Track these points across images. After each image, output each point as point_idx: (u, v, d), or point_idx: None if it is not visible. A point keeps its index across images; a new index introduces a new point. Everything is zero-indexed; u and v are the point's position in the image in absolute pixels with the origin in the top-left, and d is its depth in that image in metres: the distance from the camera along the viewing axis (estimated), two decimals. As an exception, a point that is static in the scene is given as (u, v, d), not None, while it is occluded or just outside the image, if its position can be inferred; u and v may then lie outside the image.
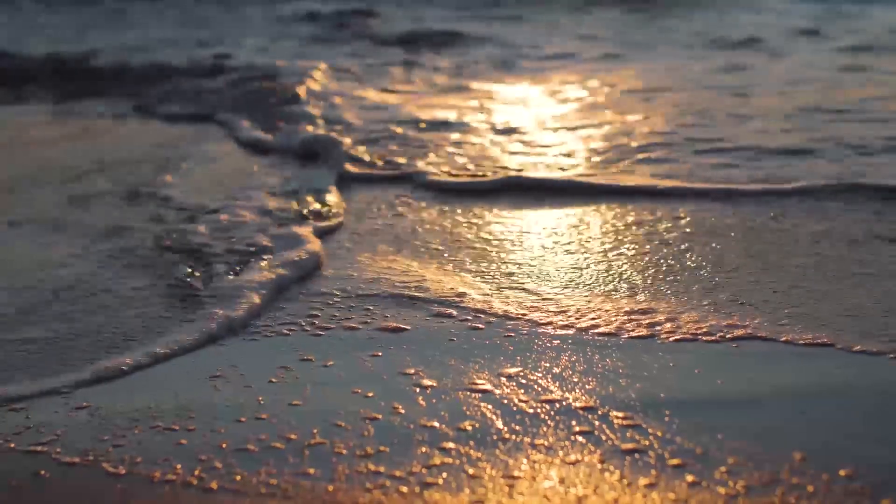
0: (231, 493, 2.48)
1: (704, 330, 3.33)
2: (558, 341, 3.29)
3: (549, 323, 3.45)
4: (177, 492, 2.49)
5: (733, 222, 4.64)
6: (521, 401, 2.88)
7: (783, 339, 3.25)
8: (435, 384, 3.01)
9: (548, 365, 3.11)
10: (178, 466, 2.59)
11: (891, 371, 3.02)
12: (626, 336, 3.32)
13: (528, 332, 3.38)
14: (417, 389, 2.99)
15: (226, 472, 2.56)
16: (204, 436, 2.74)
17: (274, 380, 3.09)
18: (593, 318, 3.46)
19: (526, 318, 3.50)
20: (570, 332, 3.37)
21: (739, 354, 3.17)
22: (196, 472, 2.56)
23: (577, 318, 3.47)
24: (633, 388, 2.94)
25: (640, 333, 3.33)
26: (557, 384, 2.97)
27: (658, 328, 3.36)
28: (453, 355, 3.21)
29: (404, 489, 2.46)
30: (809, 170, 5.50)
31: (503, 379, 3.02)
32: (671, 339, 3.28)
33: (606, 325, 3.40)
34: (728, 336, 3.29)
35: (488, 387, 2.97)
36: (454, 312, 3.57)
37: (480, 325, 3.46)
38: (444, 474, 2.52)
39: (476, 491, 2.45)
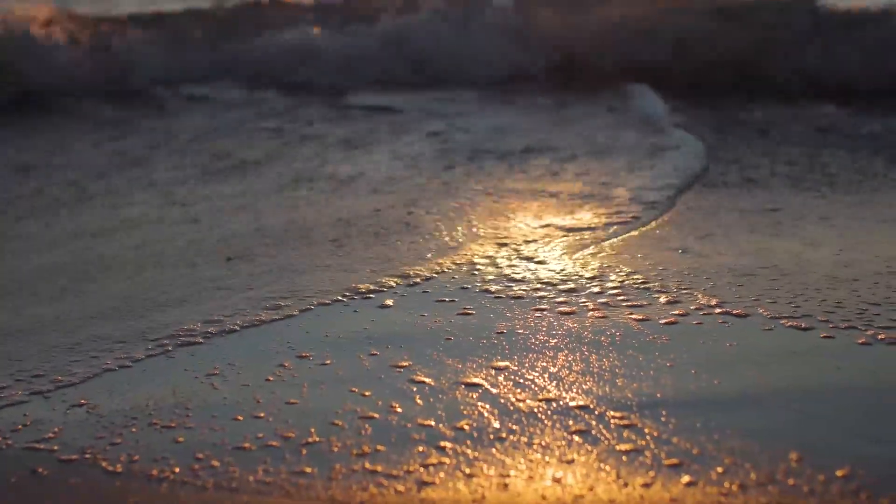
0: (228, 490, 2.48)
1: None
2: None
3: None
4: (174, 489, 2.49)
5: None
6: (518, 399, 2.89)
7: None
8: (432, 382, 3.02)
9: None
10: (176, 464, 2.60)
11: (887, 365, 3.03)
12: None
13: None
14: (415, 388, 2.99)
15: (223, 470, 2.57)
16: (201, 434, 2.75)
17: (271, 378, 3.09)
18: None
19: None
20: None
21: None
22: (193, 470, 2.57)
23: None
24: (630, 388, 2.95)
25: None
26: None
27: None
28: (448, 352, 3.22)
29: (401, 488, 2.47)
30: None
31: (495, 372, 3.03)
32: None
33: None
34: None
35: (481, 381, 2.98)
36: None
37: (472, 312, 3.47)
38: (442, 473, 2.53)
39: (473, 490, 2.45)
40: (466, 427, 2.74)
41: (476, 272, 3.99)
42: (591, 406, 2.83)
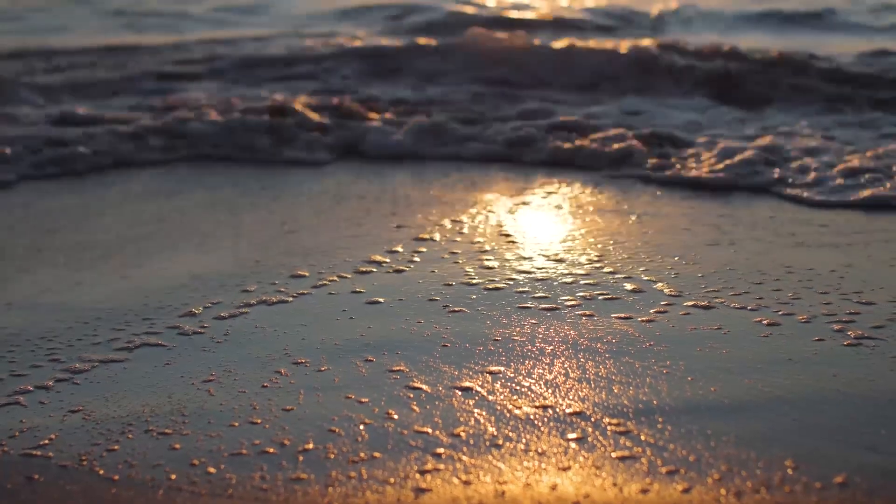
0: (224, 497, 2.48)
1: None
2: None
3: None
4: (170, 496, 2.49)
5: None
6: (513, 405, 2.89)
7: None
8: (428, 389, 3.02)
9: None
10: (172, 471, 2.60)
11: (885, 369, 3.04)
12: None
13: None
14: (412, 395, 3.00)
15: (219, 477, 2.57)
16: (197, 440, 2.75)
17: (267, 384, 3.09)
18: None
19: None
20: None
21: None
22: (189, 477, 2.57)
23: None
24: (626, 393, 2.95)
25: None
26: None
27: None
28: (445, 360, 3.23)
29: (398, 495, 2.47)
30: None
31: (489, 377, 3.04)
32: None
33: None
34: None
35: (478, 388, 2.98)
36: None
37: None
38: (438, 480, 2.53)
39: (470, 497, 2.45)
40: (463, 434, 2.74)
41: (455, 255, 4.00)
42: (588, 412, 2.84)
